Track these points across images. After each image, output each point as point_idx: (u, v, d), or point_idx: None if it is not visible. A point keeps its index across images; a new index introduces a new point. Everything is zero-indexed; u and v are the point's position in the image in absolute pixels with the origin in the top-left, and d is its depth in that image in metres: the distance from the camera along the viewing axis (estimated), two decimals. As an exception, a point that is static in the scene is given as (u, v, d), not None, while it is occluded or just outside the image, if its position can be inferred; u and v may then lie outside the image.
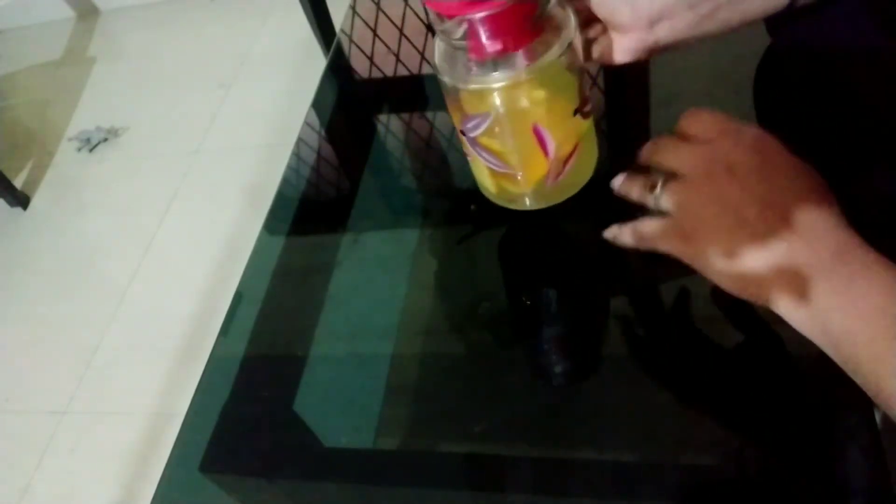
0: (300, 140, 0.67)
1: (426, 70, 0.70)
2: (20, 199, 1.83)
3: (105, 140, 1.95)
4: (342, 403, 0.47)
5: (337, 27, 0.87)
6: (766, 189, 0.35)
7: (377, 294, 0.52)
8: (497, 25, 0.37)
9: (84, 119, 2.05)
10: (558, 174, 0.45)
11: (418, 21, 0.76)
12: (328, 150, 0.67)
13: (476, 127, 0.42)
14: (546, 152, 0.43)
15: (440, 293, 0.51)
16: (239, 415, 0.48)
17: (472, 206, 0.55)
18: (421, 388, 0.47)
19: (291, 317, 0.54)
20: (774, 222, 0.34)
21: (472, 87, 0.40)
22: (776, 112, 0.52)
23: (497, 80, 0.39)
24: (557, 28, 0.39)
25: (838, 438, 0.37)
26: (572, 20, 0.40)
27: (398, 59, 0.72)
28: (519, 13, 0.36)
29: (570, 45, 0.39)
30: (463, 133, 0.44)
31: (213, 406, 0.49)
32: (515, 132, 0.42)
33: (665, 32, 0.42)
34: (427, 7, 0.38)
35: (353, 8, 0.79)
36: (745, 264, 0.35)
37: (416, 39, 0.74)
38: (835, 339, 0.32)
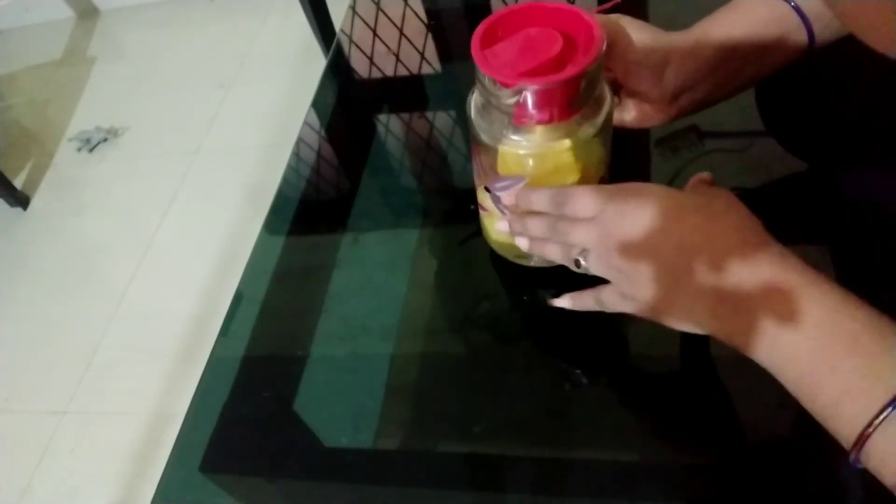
0: (300, 140, 0.67)
1: (426, 70, 0.70)
2: (20, 200, 1.83)
3: (105, 140, 1.95)
4: (342, 403, 0.47)
5: (337, 27, 0.87)
6: (678, 238, 0.35)
7: (377, 294, 0.52)
8: (547, 97, 0.37)
9: (84, 119, 2.05)
10: None
11: (418, 21, 0.76)
12: (328, 150, 0.67)
13: (506, 188, 0.42)
14: None
15: (440, 293, 0.51)
16: (239, 415, 0.48)
17: (472, 206, 0.55)
18: (421, 388, 0.47)
19: (291, 317, 0.54)
20: (694, 265, 0.34)
21: (511, 148, 0.40)
22: (779, 113, 0.52)
23: (538, 146, 0.39)
24: (598, 102, 0.40)
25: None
26: (610, 98, 0.40)
27: (398, 59, 0.72)
28: (569, 88, 0.37)
29: (607, 120, 0.40)
30: (487, 189, 0.44)
31: (213, 406, 0.49)
32: None
33: (686, 101, 0.45)
34: (483, 73, 0.37)
35: (353, 8, 0.79)
36: (688, 312, 0.36)
37: (416, 39, 0.74)
38: (783, 360, 0.33)
